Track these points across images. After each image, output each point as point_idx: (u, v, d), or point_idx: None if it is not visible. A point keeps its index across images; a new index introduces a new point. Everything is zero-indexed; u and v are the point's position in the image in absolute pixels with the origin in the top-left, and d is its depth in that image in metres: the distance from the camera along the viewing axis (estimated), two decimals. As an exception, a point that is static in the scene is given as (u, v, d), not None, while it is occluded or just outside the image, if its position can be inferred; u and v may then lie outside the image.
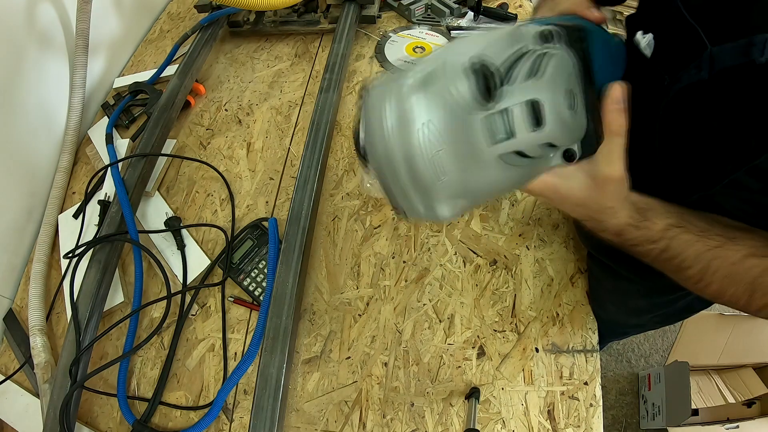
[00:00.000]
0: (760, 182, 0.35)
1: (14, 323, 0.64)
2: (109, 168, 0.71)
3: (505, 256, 0.65)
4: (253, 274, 0.63)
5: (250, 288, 0.63)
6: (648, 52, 0.41)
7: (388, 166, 0.27)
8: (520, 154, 0.28)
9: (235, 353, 0.59)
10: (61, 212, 0.73)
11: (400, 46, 0.93)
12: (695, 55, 0.36)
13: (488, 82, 0.25)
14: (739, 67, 0.33)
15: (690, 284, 0.40)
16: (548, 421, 0.53)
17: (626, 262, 0.43)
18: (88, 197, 0.71)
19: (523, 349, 0.58)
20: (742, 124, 0.35)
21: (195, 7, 0.95)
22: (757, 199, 0.38)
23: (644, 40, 0.41)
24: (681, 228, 0.38)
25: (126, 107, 0.84)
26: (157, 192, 0.74)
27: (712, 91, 0.36)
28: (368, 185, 0.69)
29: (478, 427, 0.52)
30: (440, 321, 0.60)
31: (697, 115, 0.39)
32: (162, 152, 0.75)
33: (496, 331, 0.59)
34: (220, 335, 0.60)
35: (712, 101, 0.37)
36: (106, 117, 0.83)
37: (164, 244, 0.67)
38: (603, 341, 0.61)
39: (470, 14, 0.97)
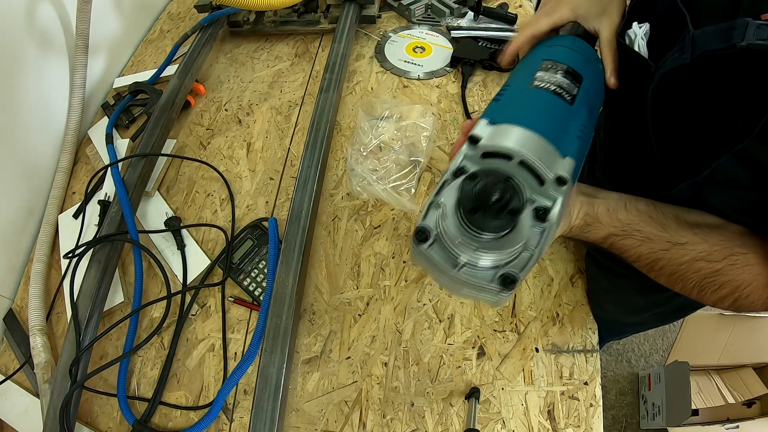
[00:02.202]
0: (747, 170, 0.36)
1: (14, 323, 0.64)
2: (109, 168, 0.71)
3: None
4: (253, 274, 0.63)
5: (250, 288, 0.63)
6: (644, 42, 0.41)
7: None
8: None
9: (235, 353, 0.59)
10: (61, 212, 0.73)
11: (400, 46, 0.93)
12: (680, 40, 0.36)
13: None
14: (721, 51, 0.33)
15: (644, 273, 0.44)
16: (548, 421, 0.53)
17: (623, 260, 0.45)
18: (88, 197, 0.71)
19: (523, 349, 0.58)
20: (727, 108, 0.36)
21: (195, 7, 0.95)
22: (744, 196, 0.39)
23: (641, 30, 0.41)
24: (622, 236, 0.42)
25: (126, 107, 0.84)
26: (157, 192, 0.74)
27: (696, 74, 0.37)
28: (357, 188, 0.69)
29: (478, 427, 0.52)
30: (440, 321, 0.60)
31: (683, 100, 0.40)
32: (162, 152, 0.75)
33: (496, 331, 0.59)
34: (220, 335, 0.60)
35: (696, 85, 0.38)
36: (106, 117, 0.83)
37: (164, 244, 0.67)
38: (602, 341, 0.61)
39: (470, 14, 0.97)
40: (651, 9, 0.42)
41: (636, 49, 0.41)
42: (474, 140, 0.34)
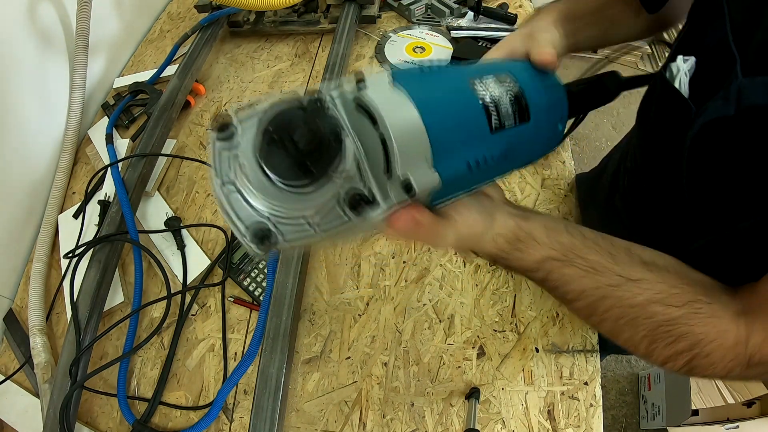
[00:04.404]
0: None
1: (14, 323, 0.64)
2: (109, 168, 0.71)
3: (505, 256, 0.65)
4: (253, 274, 0.63)
5: (250, 288, 0.63)
6: (686, 79, 0.38)
7: None
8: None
9: (235, 353, 0.59)
10: (61, 212, 0.73)
11: (400, 46, 0.93)
12: (726, 85, 0.33)
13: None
14: None
15: (582, 317, 0.37)
16: (548, 421, 0.53)
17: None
18: (88, 197, 0.71)
19: (523, 349, 0.58)
20: None
21: (195, 7, 0.95)
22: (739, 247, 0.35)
23: (685, 66, 0.38)
24: (563, 262, 0.35)
25: (126, 107, 0.84)
26: (157, 192, 0.74)
27: (740, 128, 0.33)
28: None
29: (478, 427, 0.52)
30: (440, 321, 0.60)
31: (724, 153, 0.35)
32: (162, 152, 0.75)
33: (496, 331, 0.59)
34: (220, 335, 0.60)
35: (738, 137, 0.33)
36: (106, 117, 0.83)
37: (164, 244, 0.67)
38: (603, 352, 0.60)
39: (470, 14, 0.97)
40: (701, 40, 0.39)
41: (677, 85, 0.38)
42: (359, 81, 0.27)
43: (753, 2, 0.33)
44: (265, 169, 0.24)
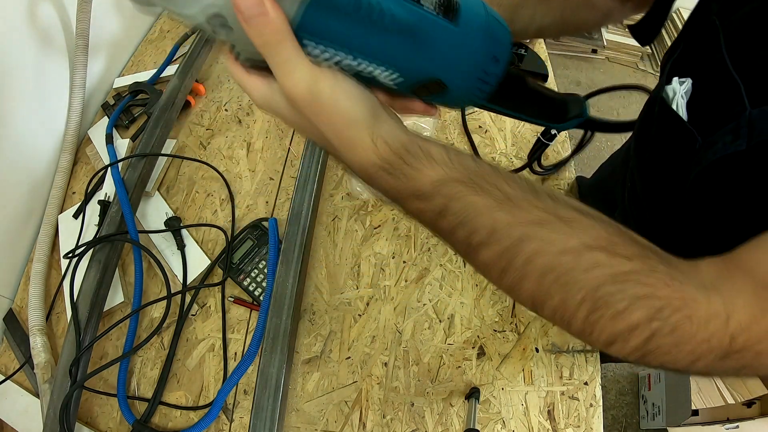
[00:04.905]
0: None
1: (14, 323, 0.64)
2: (109, 168, 0.71)
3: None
4: (253, 274, 0.63)
5: (250, 288, 0.63)
6: (683, 102, 0.36)
7: None
8: None
9: (235, 353, 0.59)
10: (61, 212, 0.73)
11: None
12: (733, 115, 0.30)
13: None
14: None
15: (494, 277, 0.27)
16: (548, 421, 0.53)
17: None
18: (88, 197, 0.71)
19: (523, 349, 0.58)
20: None
21: (195, 7, 0.95)
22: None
23: (681, 88, 0.36)
24: (469, 187, 0.25)
25: (126, 107, 0.84)
26: (157, 192, 0.74)
27: (752, 164, 0.29)
28: (357, 188, 0.69)
29: (478, 427, 0.52)
30: (440, 321, 0.60)
31: (731, 188, 0.32)
32: (162, 152, 0.75)
33: (496, 331, 0.59)
34: (220, 335, 0.60)
35: (751, 176, 0.30)
36: (106, 117, 0.83)
37: (164, 244, 0.67)
38: (603, 360, 0.59)
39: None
40: (695, 61, 0.37)
41: (674, 107, 0.36)
42: None
43: (748, 21, 0.32)
44: None
